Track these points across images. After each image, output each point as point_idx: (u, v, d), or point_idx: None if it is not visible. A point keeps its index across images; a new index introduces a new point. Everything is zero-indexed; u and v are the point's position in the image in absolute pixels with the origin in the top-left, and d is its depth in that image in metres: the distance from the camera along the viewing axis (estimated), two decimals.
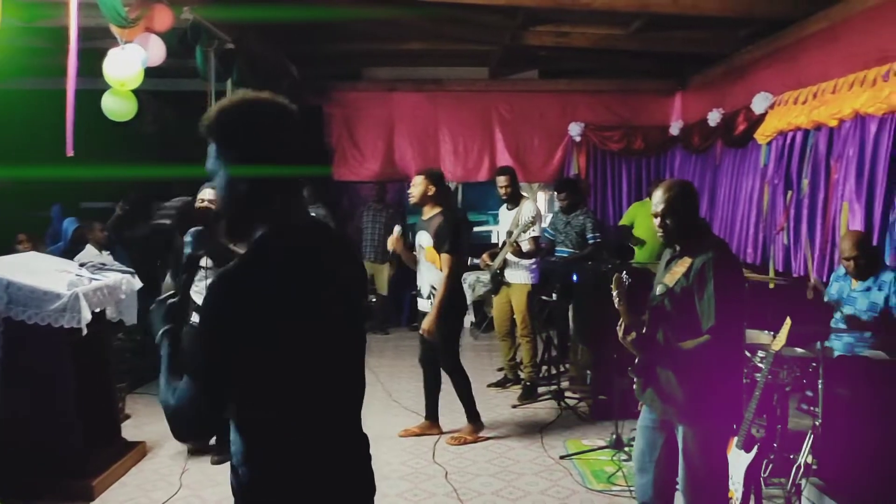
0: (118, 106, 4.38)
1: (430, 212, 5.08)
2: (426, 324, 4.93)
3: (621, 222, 7.84)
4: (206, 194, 4.22)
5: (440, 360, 5.11)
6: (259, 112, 1.75)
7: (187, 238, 1.92)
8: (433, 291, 5.01)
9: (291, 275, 1.67)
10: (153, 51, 4.51)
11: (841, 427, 3.48)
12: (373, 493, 1.92)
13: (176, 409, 1.64)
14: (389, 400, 6.08)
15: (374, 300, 8.74)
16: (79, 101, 3.99)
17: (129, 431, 5.03)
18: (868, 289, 4.37)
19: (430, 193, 5.05)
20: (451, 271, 4.92)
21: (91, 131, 4.58)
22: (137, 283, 4.70)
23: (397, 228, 5.28)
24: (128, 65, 4.27)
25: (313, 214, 1.92)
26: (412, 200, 5.14)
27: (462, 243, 5.11)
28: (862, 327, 4.25)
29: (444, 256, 4.91)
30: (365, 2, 5.99)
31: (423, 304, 5.14)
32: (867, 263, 4.33)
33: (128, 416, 5.46)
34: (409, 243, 5.48)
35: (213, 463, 4.61)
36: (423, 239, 5.09)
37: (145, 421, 5.51)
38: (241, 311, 1.59)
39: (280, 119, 1.76)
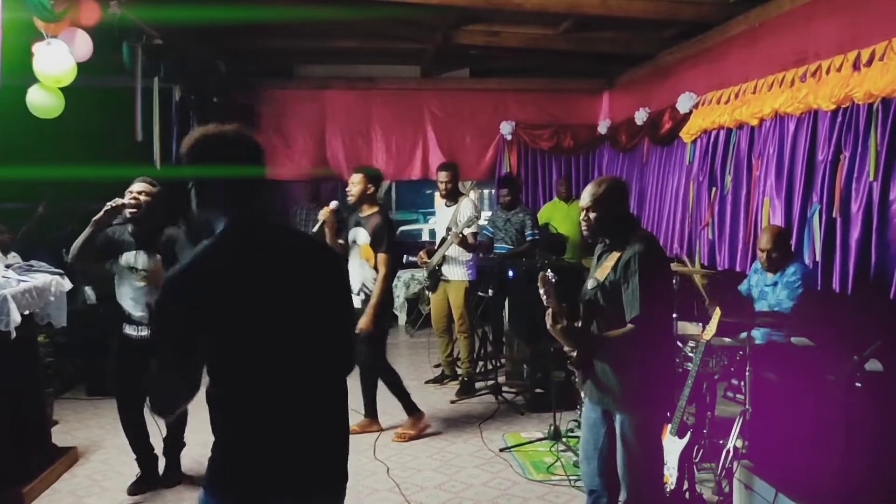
0: (46, 102, 4.22)
1: (368, 210, 5.11)
2: (363, 322, 4.91)
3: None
4: (136, 187, 4.13)
5: (367, 358, 5.07)
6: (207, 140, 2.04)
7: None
8: (364, 289, 5.05)
9: (240, 265, 1.91)
10: (79, 46, 4.36)
11: (768, 411, 3.65)
12: (340, 480, 2.12)
13: (148, 384, 1.91)
14: None
15: None
16: None
17: (59, 437, 4.88)
18: (775, 283, 4.60)
19: (368, 192, 5.09)
20: (389, 270, 4.97)
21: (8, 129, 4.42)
22: (67, 285, 4.56)
23: (334, 202, 5.22)
24: (60, 60, 4.12)
25: None
26: (350, 199, 5.15)
27: (395, 243, 5.18)
28: (782, 323, 4.44)
29: (381, 256, 4.94)
30: (298, 1, 5.94)
31: (354, 301, 5.14)
32: (779, 257, 4.53)
33: (56, 422, 5.28)
34: (340, 227, 5.43)
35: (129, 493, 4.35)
36: (360, 236, 5.10)
37: (75, 426, 5.35)
38: (195, 298, 1.83)
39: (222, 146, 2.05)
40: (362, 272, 5.10)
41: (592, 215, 3.09)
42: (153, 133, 5.85)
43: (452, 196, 6.22)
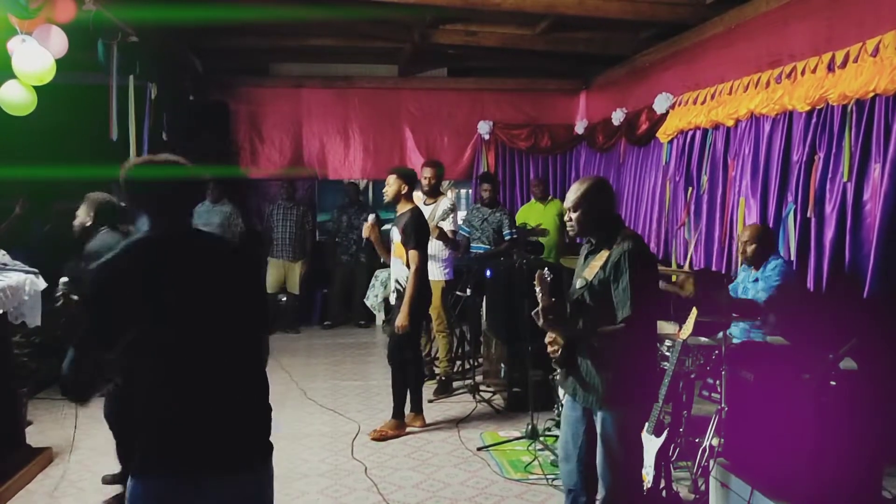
0: (18, 98, 4.15)
1: (402, 209, 5.21)
2: (400, 320, 5.00)
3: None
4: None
5: (402, 352, 5.18)
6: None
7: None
8: (398, 286, 5.19)
9: (148, 262, 2.12)
10: (54, 43, 4.29)
11: (743, 410, 3.68)
12: (264, 453, 2.27)
13: (63, 370, 2.05)
14: (304, 398, 6.02)
15: (284, 299, 8.62)
16: None
17: (33, 437, 4.81)
18: (756, 280, 4.64)
19: (403, 192, 5.20)
20: (419, 267, 5.03)
21: None
22: (41, 284, 4.49)
23: (372, 216, 5.31)
24: (38, 58, 4.06)
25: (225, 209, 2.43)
26: (386, 199, 5.28)
27: (426, 240, 5.23)
28: (754, 313, 4.48)
29: (411, 252, 5.03)
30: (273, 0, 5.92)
31: (393, 299, 5.32)
32: (757, 251, 4.55)
33: (30, 422, 5.20)
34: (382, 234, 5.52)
35: (105, 482, 4.36)
36: (395, 235, 5.25)
37: (50, 426, 5.28)
38: (110, 290, 2.06)
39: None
40: (397, 270, 5.26)
41: (576, 214, 3.10)
42: (129, 131, 5.79)
43: (433, 194, 6.21)
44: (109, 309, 2.04)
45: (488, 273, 6.27)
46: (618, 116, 7.50)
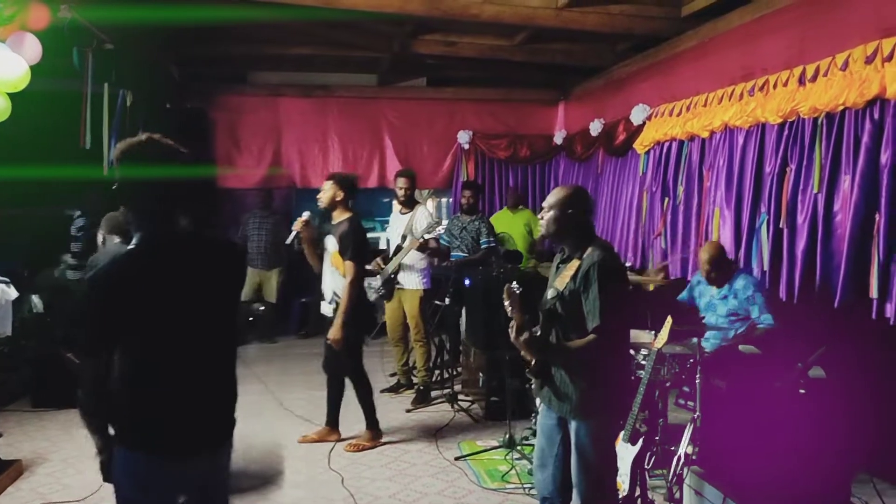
0: None
1: (339, 217, 5.05)
2: (332, 333, 4.88)
3: None
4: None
5: (343, 367, 5.08)
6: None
7: None
8: (335, 297, 5.00)
9: (151, 267, 2.22)
10: (28, 50, 4.27)
11: (717, 417, 3.73)
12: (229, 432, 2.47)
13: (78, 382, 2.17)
14: (281, 409, 5.98)
15: (261, 308, 8.57)
16: None
17: (3, 450, 4.72)
18: (725, 297, 4.71)
19: (338, 198, 5.02)
20: (355, 278, 4.90)
21: None
22: (13, 293, 4.44)
23: (306, 213, 5.15)
24: (13, 65, 4.03)
25: None
26: (321, 205, 5.11)
27: (366, 251, 5.12)
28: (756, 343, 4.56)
29: (348, 263, 4.89)
30: (250, 4, 5.89)
31: (326, 309, 5.12)
32: (720, 274, 4.68)
33: (0, 435, 5.13)
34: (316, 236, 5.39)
35: None
36: (330, 244, 5.07)
37: (19, 438, 5.20)
38: (110, 295, 2.15)
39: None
40: (333, 280, 5.04)
41: (549, 214, 3.12)
42: (102, 138, 5.75)
43: (409, 203, 6.21)
44: (102, 317, 2.17)
45: (467, 282, 6.29)
46: (596, 127, 7.56)
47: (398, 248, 6.08)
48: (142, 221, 2.28)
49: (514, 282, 3.10)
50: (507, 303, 3.04)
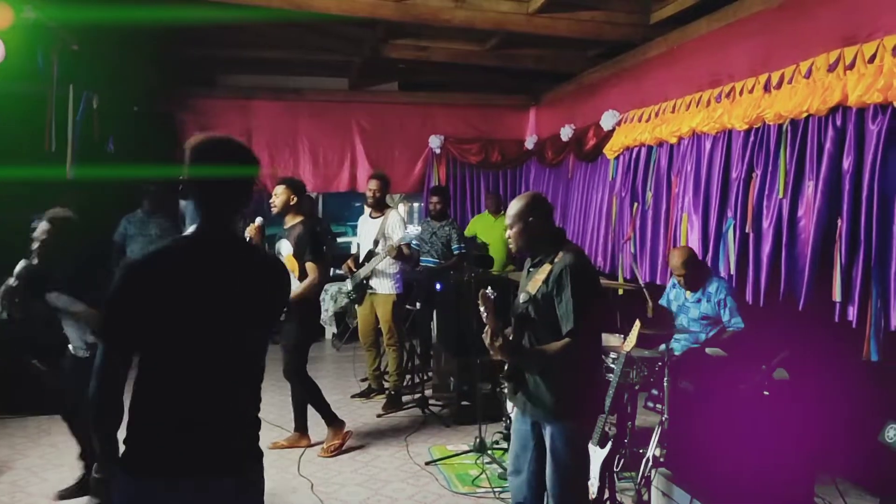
0: None
1: (291, 220, 5.10)
2: (293, 296, 4.75)
3: (465, 232, 8.09)
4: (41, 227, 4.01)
5: (286, 368, 5.08)
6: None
7: None
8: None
9: (179, 269, 2.06)
10: None
11: (685, 420, 3.76)
12: (256, 459, 2.23)
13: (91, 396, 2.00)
14: None
15: None
16: None
17: None
18: (699, 300, 4.78)
19: (291, 203, 5.08)
20: (316, 279, 4.93)
21: None
22: None
23: (259, 219, 5.11)
24: None
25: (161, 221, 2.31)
26: (274, 210, 5.11)
27: (324, 252, 5.14)
28: (723, 346, 4.63)
29: (310, 265, 4.91)
30: (221, 6, 5.84)
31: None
32: (693, 277, 4.75)
33: None
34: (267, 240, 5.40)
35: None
36: (284, 247, 5.07)
37: None
38: (132, 289, 2.01)
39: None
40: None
41: (513, 231, 3.15)
42: (66, 140, 5.67)
43: (379, 207, 6.19)
44: (130, 304, 2.00)
45: (439, 287, 6.29)
46: (566, 132, 7.61)
47: (370, 253, 6.06)
48: (200, 214, 2.15)
49: (489, 287, 3.11)
50: (482, 308, 3.04)
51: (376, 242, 6.02)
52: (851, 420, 3.62)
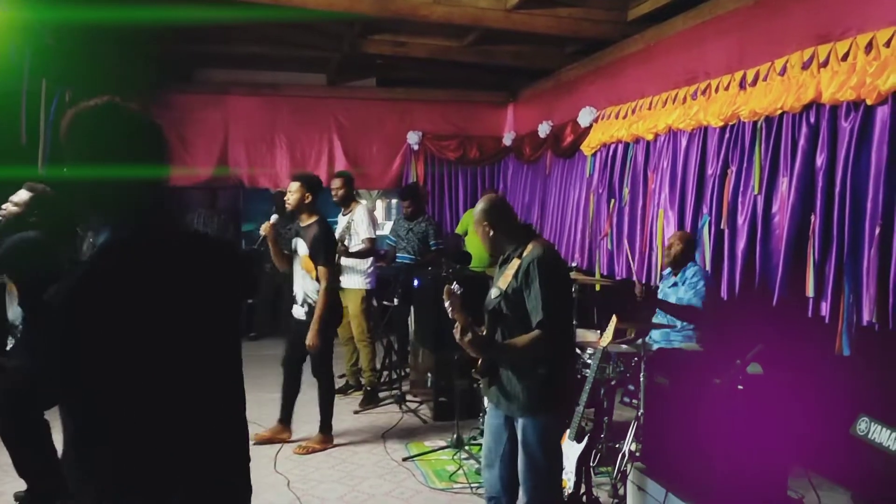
0: None
1: (307, 220, 5.01)
2: (310, 338, 4.84)
3: (457, 230, 8.08)
4: (20, 196, 3.91)
5: (315, 368, 5.07)
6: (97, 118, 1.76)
7: None
8: (307, 300, 4.99)
9: (125, 286, 1.62)
10: None
11: (660, 414, 3.79)
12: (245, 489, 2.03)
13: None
14: None
15: None
16: None
17: None
18: (675, 284, 4.80)
19: (307, 201, 4.98)
20: (329, 283, 4.90)
21: None
22: None
23: (274, 216, 5.11)
24: None
25: None
26: (289, 207, 5.04)
27: (335, 253, 5.15)
28: (673, 312, 4.65)
29: (321, 269, 4.87)
30: (198, 3, 5.79)
31: (298, 311, 5.10)
32: (683, 258, 4.74)
33: None
34: (282, 238, 5.34)
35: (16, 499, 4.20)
36: (300, 247, 5.03)
37: None
38: (87, 317, 1.58)
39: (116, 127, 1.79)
40: (304, 283, 5.03)
41: (482, 231, 3.22)
42: (38, 135, 5.59)
43: (345, 203, 6.18)
44: (71, 351, 1.57)
45: (416, 282, 6.28)
46: (544, 129, 7.62)
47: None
48: (110, 216, 1.71)
49: (455, 282, 3.12)
50: (447, 303, 3.05)
51: (342, 239, 5.98)
52: (824, 414, 3.66)
